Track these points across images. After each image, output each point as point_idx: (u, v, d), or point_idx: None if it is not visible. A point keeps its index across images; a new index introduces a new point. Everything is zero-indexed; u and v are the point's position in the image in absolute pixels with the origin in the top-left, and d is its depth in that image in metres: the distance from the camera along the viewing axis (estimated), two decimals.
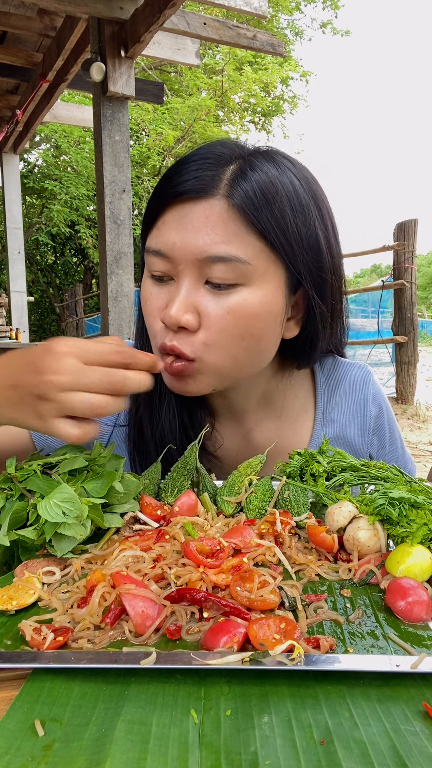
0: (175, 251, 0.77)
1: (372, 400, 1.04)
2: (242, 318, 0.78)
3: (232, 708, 0.48)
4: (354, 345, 8.39)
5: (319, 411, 1.02)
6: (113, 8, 3.99)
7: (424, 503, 0.70)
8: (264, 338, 0.83)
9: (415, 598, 0.60)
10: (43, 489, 0.72)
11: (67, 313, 16.18)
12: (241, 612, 0.57)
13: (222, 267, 0.76)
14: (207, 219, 0.76)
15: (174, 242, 0.77)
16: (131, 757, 0.43)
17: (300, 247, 0.80)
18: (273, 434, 1.00)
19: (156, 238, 0.80)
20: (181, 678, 0.52)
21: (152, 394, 0.94)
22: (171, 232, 0.78)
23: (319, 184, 0.87)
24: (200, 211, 0.76)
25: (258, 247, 0.77)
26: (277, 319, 0.84)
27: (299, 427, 1.02)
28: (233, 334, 0.79)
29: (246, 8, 4.07)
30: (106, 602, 0.60)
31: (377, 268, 55.80)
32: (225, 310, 0.78)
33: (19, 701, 0.50)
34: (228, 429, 1.00)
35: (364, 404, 1.04)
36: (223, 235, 0.76)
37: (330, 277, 0.86)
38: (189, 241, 0.76)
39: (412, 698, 0.49)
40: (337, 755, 0.43)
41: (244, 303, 0.78)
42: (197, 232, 0.76)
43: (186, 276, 0.78)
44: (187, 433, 0.95)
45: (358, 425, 1.03)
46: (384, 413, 1.06)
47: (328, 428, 1.02)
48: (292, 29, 16.94)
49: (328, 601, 0.63)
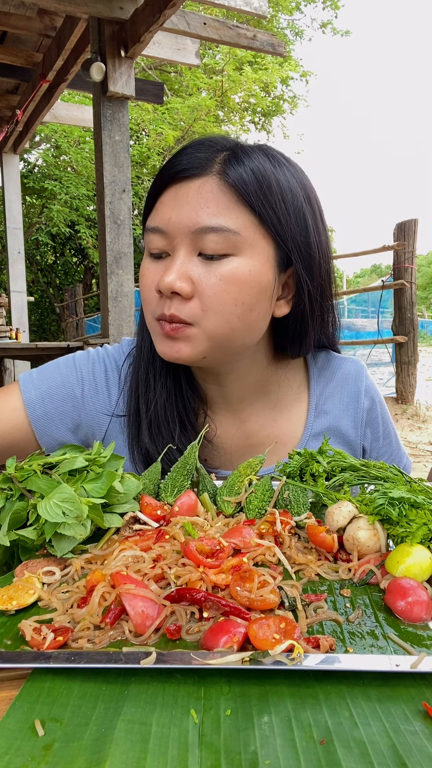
0: (170, 225, 0.83)
1: (365, 393, 1.06)
2: (233, 284, 0.83)
3: (232, 708, 0.48)
4: (354, 345, 8.39)
5: (313, 402, 1.04)
6: (113, 8, 3.99)
7: (423, 503, 0.70)
8: (255, 309, 0.86)
9: (415, 598, 0.60)
10: (43, 489, 0.72)
11: (67, 313, 16.18)
12: (241, 612, 0.58)
13: (214, 238, 0.81)
14: (199, 194, 0.82)
15: (169, 217, 0.83)
16: (131, 756, 0.43)
17: (287, 223, 0.85)
18: (267, 424, 1.02)
19: (154, 217, 0.86)
20: (181, 678, 0.52)
21: (148, 377, 0.97)
22: (167, 209, 0.84)
23: (309, 179, 0.91)
24: (194, 187, 0.82)
25: (248, 219, 0.82)
26: (267, 291, 0.87)
27: (293, 417, 1.03)
28: (226, 300, 0.83)
29: (246, 8, 4.07)
30: (106, 602, 0.60)
31: (377, 268, 55.82)
32: (217, 277, 0.82)
33: (19, 701, 0.50)
34: (223, 418, 1.01)
35: (356, 396, 1.06)
36: (215, 208, 0.81)
37: (317, 254, 0.89)
38: (183, 214, 0.82)
39: (411, 698, 0.49)
40: (336, 755, 0.43)
41: (234, 270, 0.82)
42: (190, 206, 0.82)
43: (180, 248, 0.83)
44: (182, 420, 0.96)
45: (351, 417, 1.05)
46: (377, 406, 1.07)
47: (321, 419, 1.03)
48: (292, 29, 16.94)
49: (328, 601, 0.63)
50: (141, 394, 0.98)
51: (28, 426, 0.99)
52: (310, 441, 1.02)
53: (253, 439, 1.01)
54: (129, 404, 1.00)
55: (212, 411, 1.02)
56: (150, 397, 0.97)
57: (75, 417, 1.01)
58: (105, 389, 1.02)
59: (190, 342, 0.86)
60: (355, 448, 1.05)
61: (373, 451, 1.07)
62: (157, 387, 0.97)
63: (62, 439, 1.00)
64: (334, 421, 1.04)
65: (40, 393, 0.99)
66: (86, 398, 1.01)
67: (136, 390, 0.99)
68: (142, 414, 0.97)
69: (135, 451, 0.99)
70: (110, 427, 1.02)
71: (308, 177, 0.91)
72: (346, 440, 1.05)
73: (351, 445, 1.05)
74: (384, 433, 1.08)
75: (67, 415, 1.00)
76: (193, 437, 0.94)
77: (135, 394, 0.99)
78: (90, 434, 1.03)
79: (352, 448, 1.05)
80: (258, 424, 1.02)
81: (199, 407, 1.01)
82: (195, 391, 1.00)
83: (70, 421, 1.00)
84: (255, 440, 1.01)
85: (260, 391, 1.01)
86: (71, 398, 1.00)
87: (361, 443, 1.06)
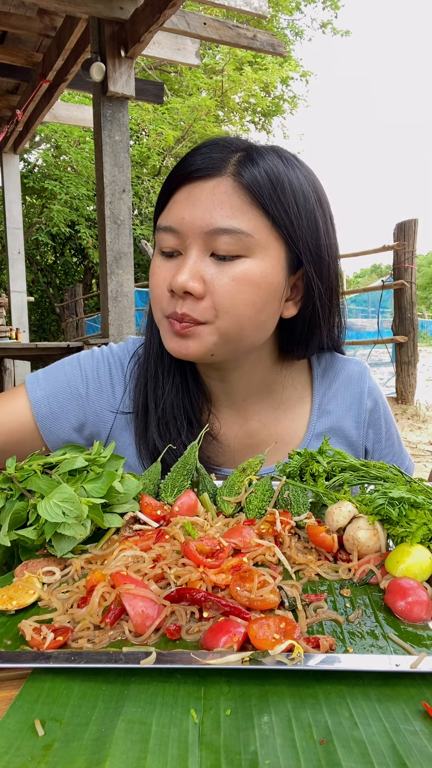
0: (184, 225, 0.83)
1: (368, 394, 1.07)
2: (245, 285, 0.84)
3: (232, 708, 0.48)
4: (354, 345, 8.39)
5: (316, 402, 1.05)
6: (113, 8, 3.99)
7: (423, 503, 0.70)
8: (265, 310, 0.87)
9: (415, 598, 0.60)
10: (43, 489, 0.72)
11: (67, 313, 16.17)
12: (241, 612, 0.58)
13: (226, 239, 0.82)
14: (214, 195, 0.82)
15: (183, 217, 0.83)
16: (131, 756, 0.43)
17: (299, 225, 0.86)
18: (270, 423, 1.03)
19: (166, 216, 0.86)
20: (181, 678, 0.52)
21: (157, 374, 0.99)
22: (180, 208, 0.84)
23: (319, 181, 0.92)
24: (208, 188, 0.83)
25: (261, 222, 0.83)
26: (277, 293, 0.88)
27: (296, 417, 1.05)
28: (237, 300, 0.84)
29: (246, 8, 4.07)
30: (106, 602, 0.60)
31: (377, 268, 55.80)
32: (229, 278, 0.83)
33: (19, 701, 0.50)
34: (227, 416, 1.03)
35: (359, 397, 1.06)
36: (229, 209, 0.82)
37: (327, 257, 0.90)
38: (197, 215, 0.82)
39: (411, 698, 0.49)
40: (336, 755, 0.43)
41: (246, 272, 0.83)
42: (204, 207, 0.82)
43: (193, 248, 0.84)
44: (189, 417, 0.98)
45: (353, 418, 1.06)
46: (380, 408, 1.08)
47: (324, 419, 1.05)
48: (292, 29, 16.94)
49: (328, 601, 0.63)
50: (150, 390, 0.99)
51: (35, 425, 1.00)
52: (312, 441, 1.03)
53: (256, 438, 1.02)
54: (137, 401, 1.01)
55: (216, 408, 1.03)
56: (159, 393, 0.98)
57: (80, 416, 1.02)
58: (109, 387, 1.04)
59: (199, 340, 0.86)
60: (357, 448, 1.06)
61: (376, 452, 1.08)
62: (166, 384, 0.98)
63: (68, 438, 1.01)
64: (336, 421, 1.05)
65: (46, 393, 1.00)
66: (90, 397, 1.03)
67: (145, 387, 1.00)
68: (150, 411, 0.98)
69: (142, 447, 1.00)
70: (115, 425, 1.03)
71: (319, 179, 0.92)
72: (349, 441, 1.05)
73: (353, 446, 1.06)
74: (386, 435, 1.08)
75: (71, 414, 1.01)
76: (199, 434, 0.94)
77: (143, 391, 1.00)
78: (95, 432, 1.04)
79: (355, 448, 1.06)
80: (261, 423, 1.03)
81: (204, 404, 1.02)
82: (200, 389, 1.01)
83: (75, 420, 1.02)
84: (258, 439, 1.01)
85: (264, 391, 1.02)
86: (76, 397, 1.01)
87: (363, 444, 1.07)
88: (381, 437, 1.08)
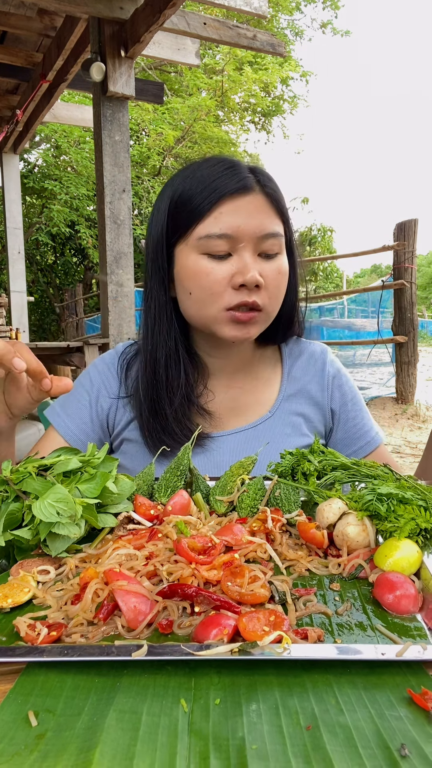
0: (239, 232, 1.00)
1: (330, 364, 1.25)
2: (282, 276, 1.06)
3: (221, 697, 0.50)
4: (354, 345, 8.39)
5: (285, 372, 1.25)
6: (113, 8, 4.00)
7: (412, 499, 0.71)
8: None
9: (403, 591, 0.61)
10: (38, 490, 0.73)
11: (67, 313, 16.19)
12: (232, 606, 0.59)
13: (273, 241, 1.02)
14: (257, 207, 1.01)
15: (238, 225, 0.99)
16: (121, 743, 0.44)
17: (290, 225, 1.10)
18: (249, 388, 1.22)
19: (216, 225, 1.00)
20: (172, 669, 0.53)
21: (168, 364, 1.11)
22: (231, 219, 1.00)
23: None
24: (251, 201, 1.01)
25: (281, 225, 1.05)
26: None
27: (270, 384, 1.24)
28: (280, 288, 1.06)
29: (246, 8, 4.08)
30: (99, 598, 0.61)
31: (377, 268, 55.72)
32: (275, 271, 1.04)
33: (13, 694, 0.51)
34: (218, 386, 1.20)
35: (322, 366, 1.25)
36: (269, 218, 1.02)
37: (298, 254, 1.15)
38: (250, 223, 1.00)
39: (397, 686, 0.51)
40: (322, 739, 0.45)
41: (281, 266, 1.05)
42: (253, 217, 1.00)
43: (247, 250, 1.01)
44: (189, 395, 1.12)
45: (317, 382, 1.24)
46: (342, 376, 1.26)
47: (292, 384, 1.23)
48: (292, 29, 16.95)
49: (318, 595, 0.64)
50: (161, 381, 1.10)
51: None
52: (283, 402, 1.20)
53: (237, 401, 1.19)
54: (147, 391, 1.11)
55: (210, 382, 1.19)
56: (174, 384, 1.10)
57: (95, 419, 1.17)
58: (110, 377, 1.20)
59: (257, 324, 1.06)
60: (323, 408, 1.22)
61: (343, 414, 1.22)
62: (180, 373, 1.11)
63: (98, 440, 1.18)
64: (303, 385, 1.23)
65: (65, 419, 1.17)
66: (94, 399, 1.17)
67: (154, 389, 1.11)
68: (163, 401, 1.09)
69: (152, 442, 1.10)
70: (117, 411, 1.17)
71: None
72: (314, 401, 1.22)
73: (319, 405, 1.22)
74: (352, 399, 1.24)
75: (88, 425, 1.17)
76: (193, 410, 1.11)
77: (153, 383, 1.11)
78: (111, 425, 1.19)
79: (321, 408, 1.22)
80: (242, 389, 1.21)
81: (199, 380, 1.17)
82: (196, 368, 1.16)
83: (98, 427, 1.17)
84: (239, 402, 1.19)
85: (248, 366, 1.22)
86: (86, 408, 1.17)
87: (329, 405, 1.22)
88: (347, 400, 1.23)
